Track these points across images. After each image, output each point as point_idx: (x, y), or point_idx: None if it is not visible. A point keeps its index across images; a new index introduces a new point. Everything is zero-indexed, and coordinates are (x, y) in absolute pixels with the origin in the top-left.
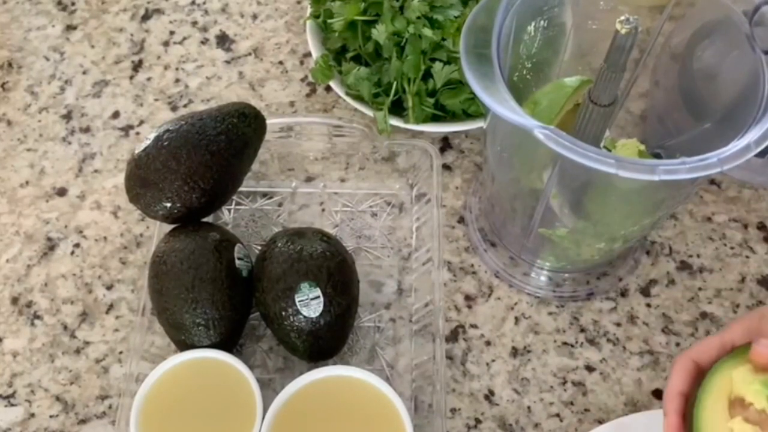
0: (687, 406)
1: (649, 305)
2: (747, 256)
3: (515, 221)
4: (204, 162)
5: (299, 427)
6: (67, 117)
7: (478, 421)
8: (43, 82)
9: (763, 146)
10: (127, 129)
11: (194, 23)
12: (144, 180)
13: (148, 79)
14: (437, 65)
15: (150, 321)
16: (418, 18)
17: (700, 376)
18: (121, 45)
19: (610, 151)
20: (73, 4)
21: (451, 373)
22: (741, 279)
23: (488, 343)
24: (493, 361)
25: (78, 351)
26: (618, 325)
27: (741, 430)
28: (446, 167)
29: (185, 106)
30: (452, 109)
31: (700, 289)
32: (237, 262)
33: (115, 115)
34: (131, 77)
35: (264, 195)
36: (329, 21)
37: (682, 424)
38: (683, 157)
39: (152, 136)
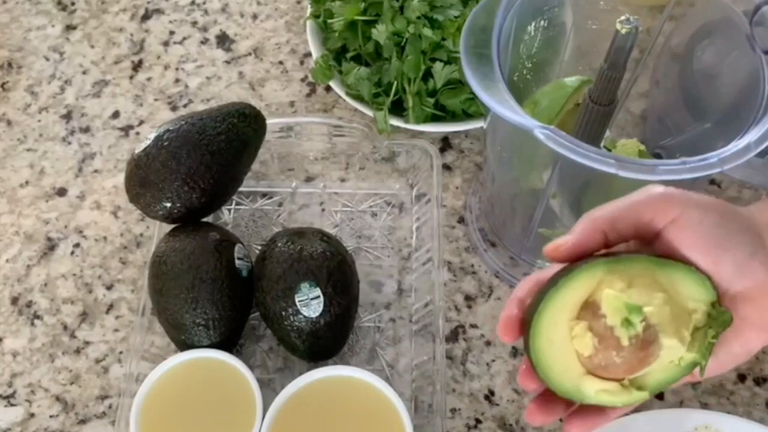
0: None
1: None
2: None
3: (515, 221)
4: (204, 162)
5: (299, 427)
6: (67, 117)
7: (478, 421)
8: (43, 82)
9: (763, 146)
10: (127, 129)
11: (194, 23)
12: (144, 180)
13: (148, 79)
14: (437, 65)
15: (150, 321)
16: (418, 18)
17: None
18: (121, 45)
19: (610, 151)
20: (73, 4)
21: (451, 373)
22: None
23: (488, 343)
24: (493, 361)
25: (78, 351)
26: None
27: (579, 336)
28: (446, 167)
29: (185, 106)
30: (452, 109)
31: None
32: (237, 262)
33: (115, 115)
34: (131, 77)
35: (264, 195)
36: (329, 21)
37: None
38: (683, 157)
39: (152, 136)
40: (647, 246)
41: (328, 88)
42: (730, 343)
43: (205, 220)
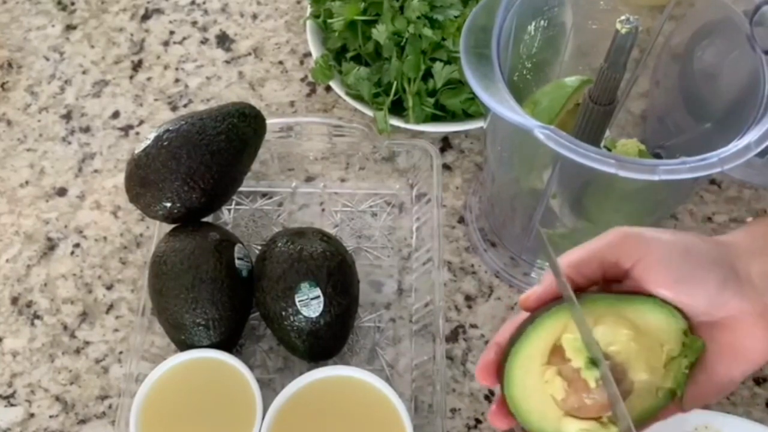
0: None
1: None
2: None
3: (515, 221)
4: (204, 162)
5: (299, 427)
6: (67, 117)
7: (478, 421)
8: (43, 82)
9: (763, 146)
10: (127, 129)
11: (194, 23)
12: (144, 180)
13: (148, 79)
14: (437, 65)
15: (150, 321)
16: (418, 18)
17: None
18: (121, 45)
19: (610, 151)
20: (73, 4)
21: (451, 373)
22: None
23: (488, 343)
24: None
25: (78, 351)
26: None
27: (550, 381)
28: (446, 167)
29: (185, 106)
30: (452, 109)
31: None
32: (237, 262)
33: (115, 115)
34: (131, 77)
35: (264, 195)
36: (329, 21)
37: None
38: (683, 157)
39: (152, 136)
40: (618, 286)
41: (328, 88)
42: (710, 372)
43: (205, 220)
